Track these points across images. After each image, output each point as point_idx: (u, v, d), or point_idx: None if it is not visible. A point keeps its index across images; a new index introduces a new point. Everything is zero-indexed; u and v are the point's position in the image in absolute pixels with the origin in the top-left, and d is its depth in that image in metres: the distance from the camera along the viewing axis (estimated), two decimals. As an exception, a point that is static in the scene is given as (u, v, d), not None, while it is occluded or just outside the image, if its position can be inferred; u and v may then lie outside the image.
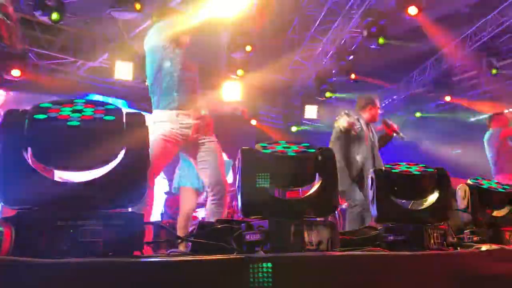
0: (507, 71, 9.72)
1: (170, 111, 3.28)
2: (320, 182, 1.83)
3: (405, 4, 6.77)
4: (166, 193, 7.63)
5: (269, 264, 1.30)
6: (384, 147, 5.08)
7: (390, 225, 2.11)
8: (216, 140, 3.42)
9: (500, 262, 1.93)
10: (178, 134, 3.26)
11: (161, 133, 3.21)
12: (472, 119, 11.25)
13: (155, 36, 3.43)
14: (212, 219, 3.14)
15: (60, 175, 1.52)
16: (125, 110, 1.48)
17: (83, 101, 1.45)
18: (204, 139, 3.34)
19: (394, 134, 5.10)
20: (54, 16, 6.23)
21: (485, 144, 5.73)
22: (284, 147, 1.84)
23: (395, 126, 5.07)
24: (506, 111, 6.72)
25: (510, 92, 9.79)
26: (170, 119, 3.26)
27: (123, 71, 7.58)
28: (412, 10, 6.70)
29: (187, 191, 5.12)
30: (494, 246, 2.07)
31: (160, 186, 7.18)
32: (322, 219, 1.87)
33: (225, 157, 5.23)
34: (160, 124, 3.25)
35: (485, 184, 2.48)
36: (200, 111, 3.39)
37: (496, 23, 8.48)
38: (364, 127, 4.83)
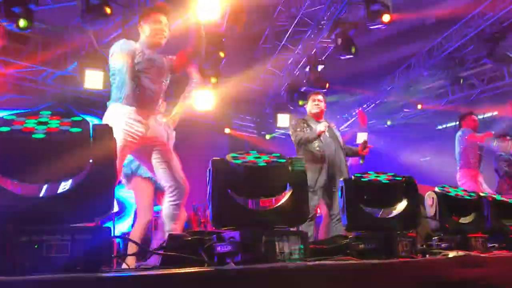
0: (473, 80, 10.08)
1: (129, 107, 3.11)
2: (291, 192, 1.83)
3: (376, 14, 6.99)
4: None
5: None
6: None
7: (360, 233, 2.13)
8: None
9: (467, 268, 1.97)
10: (137, 133, 3.12)
11: (124, 129, 3.04)
12: (440, 127, 11.54)
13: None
14: (168, 222, 3.08)
15: (24, 189, 1.47)
16: (93, 121, 1.46)
17: (49, 112, 1.42)
18: (159, 143, 3.23)
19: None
20: (22, 23, 6.03)
21: (456, 140, 6.02)
22: (255, 157, 1.83)
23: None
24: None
25: (475, 100, 10.12)
26: (129, 116, 3.10)
27: (93, 80, 7.41)
28: (386, 18, 7.00)
29: (146, 185, 4.17)
30: (460, 253, 2.12)
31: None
32: (294, 229, 1.88)
33: None
34: (121, 118, 3.07)
35: (452, 192, 2.54)
36: (159, 117, 3.33)
37: (461, 34, 8.78)
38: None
